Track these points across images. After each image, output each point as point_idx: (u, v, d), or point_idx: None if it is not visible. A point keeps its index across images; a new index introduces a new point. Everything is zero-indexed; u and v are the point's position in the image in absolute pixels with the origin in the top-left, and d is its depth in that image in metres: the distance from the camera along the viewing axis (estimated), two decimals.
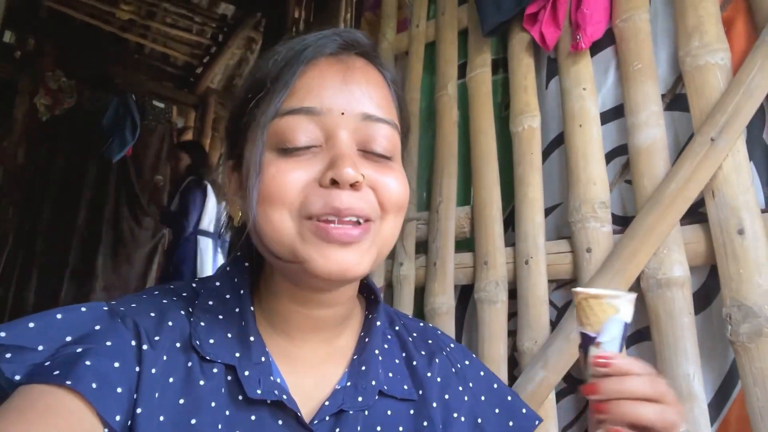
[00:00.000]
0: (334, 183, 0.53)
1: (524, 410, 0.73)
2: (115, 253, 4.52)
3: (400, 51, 1.83)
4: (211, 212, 3.61)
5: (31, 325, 0.52)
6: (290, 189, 0.54)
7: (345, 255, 0.54)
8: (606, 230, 1.14)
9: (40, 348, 0.50)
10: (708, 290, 1.05)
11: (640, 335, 1.08)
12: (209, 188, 3.61)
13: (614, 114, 1.24)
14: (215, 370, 0.56)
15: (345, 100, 0.56)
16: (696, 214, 1.05)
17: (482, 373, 0.73)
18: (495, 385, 0.73)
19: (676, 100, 1.16)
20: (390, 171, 0.58)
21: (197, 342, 0.57)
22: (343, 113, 0.56)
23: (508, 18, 1.41)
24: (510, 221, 1.37)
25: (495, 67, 1.53)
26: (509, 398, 0.73)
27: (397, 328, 0.72)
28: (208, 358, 0.56)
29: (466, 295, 1.42)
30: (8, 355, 0.49)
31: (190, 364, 0.56)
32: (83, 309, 0.55)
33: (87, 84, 4.41)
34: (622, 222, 1.17)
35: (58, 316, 0.53)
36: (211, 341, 0.57)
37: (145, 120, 4.65)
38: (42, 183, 4.27)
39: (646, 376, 0.53)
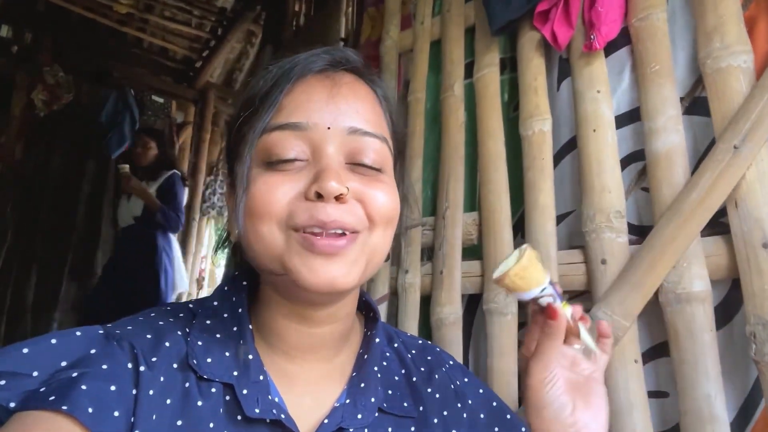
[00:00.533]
0: (320, 196, 0.54)
1: (523, 429, 0.72)
2: None
3: (405, 49, 1.77)
4: None
5: (25, 350, 0.51)
6: (276, 202, 0.54)
7: (331, 267, 0.54)
8: (622, 241, 1.09)
9: (35, 374, 0.50)
10: (729, 304, 1.01)
11: (657, 351, 1.04)
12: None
13: (630, 118, 1.19)
14: (213, 390, 0.56)
15: (331, 115, 0.57)
16: (718, 224, 1.00)
17: (481, 391, 0.73)
18: (494, 403, 0.73)
19: (695, 104, 1.10)
20: (378, 183, 0.58)
21: (194, 361, 0.56)
22: (329, 128, 0.56)
23: (517, 16, 1.35)
24: (519, 228, 1.32)
25: (503, 66, 1.48)
26: (508, 416, 0.73)
27: (395, 345, 0.72)
28: (205, 377, 0.56)
29: (473, 304, 1.37)
30: (2, 382, 0.48)
31: (187, 384, 0.55)
32: (78, 333, 0.54)
33: (85, 79, 4.36)
34: (639, 232, 1.12)
35: (53, 340, 0.52)
36: (209, 360, 0.57)
37: (144, 115, 4.61)
38: (40, 179, 4.22)
39: None
